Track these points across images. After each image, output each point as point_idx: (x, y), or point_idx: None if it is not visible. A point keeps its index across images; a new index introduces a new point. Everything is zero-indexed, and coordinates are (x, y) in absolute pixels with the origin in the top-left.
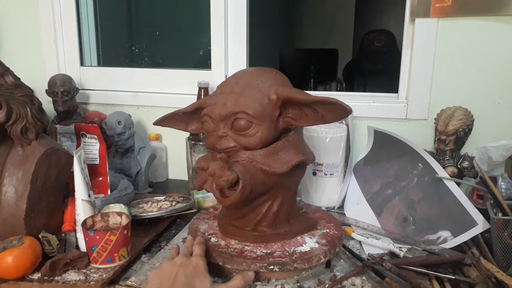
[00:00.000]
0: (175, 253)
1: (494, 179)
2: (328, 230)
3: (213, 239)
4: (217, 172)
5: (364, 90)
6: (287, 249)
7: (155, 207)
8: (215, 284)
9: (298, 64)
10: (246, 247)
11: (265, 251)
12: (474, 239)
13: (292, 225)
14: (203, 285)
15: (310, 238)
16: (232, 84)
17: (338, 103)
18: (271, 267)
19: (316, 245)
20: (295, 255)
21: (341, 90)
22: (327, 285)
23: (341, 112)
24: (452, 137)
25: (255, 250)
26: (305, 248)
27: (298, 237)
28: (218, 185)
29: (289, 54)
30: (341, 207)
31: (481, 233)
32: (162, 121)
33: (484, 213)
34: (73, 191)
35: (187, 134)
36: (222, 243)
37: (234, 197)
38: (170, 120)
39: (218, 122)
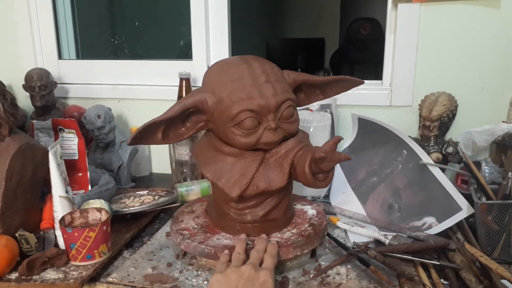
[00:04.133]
0: (242, 251)
1: (478, 164)
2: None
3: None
4: (330, 156)
5: None
6: (316, 218)
7: (137, 201)
8: None
9: (285, 54)
10: (293, 230)
11: (312, 228)
12: (459, 224)
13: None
14: None
15: (303, 206)
16: (257, 74)
17: (351, 79)
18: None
19: (316, 210)
20: (324, 219)
21: None
22: (312, 275)
23: (349, 86)
24: (436, 123)
25: (307, 229)
26: (314, 213)
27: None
28: (327, 168)
29: (276, 44)
30: (327, 196)
31: (465, 218)
32: (136, 139)
33: (469, 198)
34: None
35: None
36: (275, 240)
37: (330, 178)
38: (144, 133)
39: (266, 114)
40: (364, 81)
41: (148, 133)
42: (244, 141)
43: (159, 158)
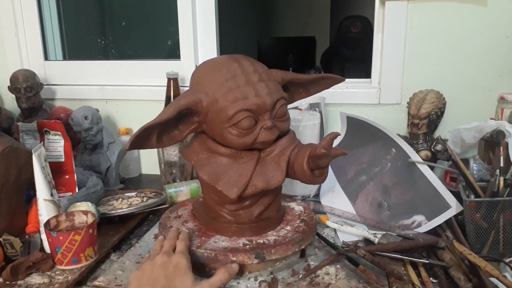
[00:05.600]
0: (159, 247)
1: (466, 161)
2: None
3: (264, 240)
4: (328, 151)
5: (342, 76)
6: (305, 214)
7: (125, 203)
8: (197, 282)
9: (276, 53)
10: (287, 228)
11: (304, 224)
12: (448, 222)
13: None
14: (184, 285)
15: (288, 204)
16: (249, 73)
17: (333, 77)
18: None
19: (302, 206)
20: (313, 214)
21: None
22: (301, 275)
23: (331, 83)
24: (425, 120)
25: (300, 225)
26: (302, 210)
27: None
28: (324, 164)
29: (267, 43)
30: (317, 195)
31: (454, 216)
32: (133, 145)
33: (457, 195)
34: None
35: None
36: (273, 238)
37: (326, 174)
38: (140, 138)
39: (262, 114)
40: (345, 79)
41: (144, 138)
42: (241, 141)
43: (148, 159)
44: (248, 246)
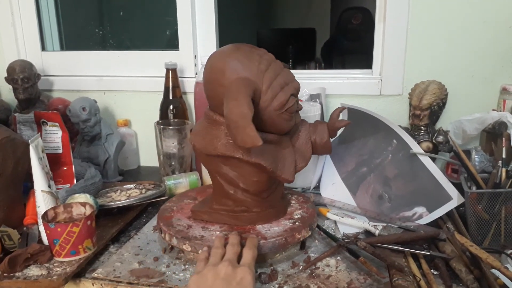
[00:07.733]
0: (220, 245)
1: (468, 153)
2: None
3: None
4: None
5: (342, 68)
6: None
7: (124, 195)
8: None
9: (276, 45)
10: (296, 203)
11: (303, 198)
12: (449, 214)
13: None
14: None
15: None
16: (274, 59)
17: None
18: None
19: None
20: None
21: (320, 69)
22: (301, 267)
23: None
24: (427, 111)
25: (303, 199)
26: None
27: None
28: (336, 135)
29: (267, 34)
30: (317, 187)
31: (456, 208)
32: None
33: (459, 187)
34: None
35: (157, 119)
36: (301, 211)
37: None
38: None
39: (297, 97)
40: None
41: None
42: (289, 125)
43: (147, 151)
44: (297, 223)
